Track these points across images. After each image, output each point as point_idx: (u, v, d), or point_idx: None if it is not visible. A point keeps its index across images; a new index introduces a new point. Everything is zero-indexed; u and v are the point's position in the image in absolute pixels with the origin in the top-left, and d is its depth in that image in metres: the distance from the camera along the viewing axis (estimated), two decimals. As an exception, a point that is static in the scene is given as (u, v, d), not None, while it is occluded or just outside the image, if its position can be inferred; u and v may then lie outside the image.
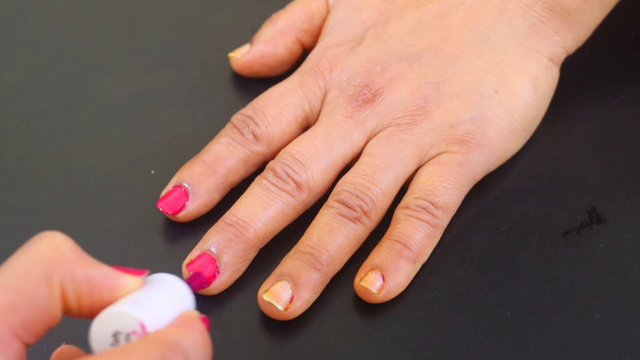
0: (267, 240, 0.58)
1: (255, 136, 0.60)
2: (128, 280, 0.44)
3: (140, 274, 0.45)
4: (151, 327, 0.43)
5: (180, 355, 0.42)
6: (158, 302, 0.44)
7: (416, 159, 0.59)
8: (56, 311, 0.43)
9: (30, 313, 0.42)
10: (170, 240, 0.59)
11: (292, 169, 0.58)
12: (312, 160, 0.58)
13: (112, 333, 0.43)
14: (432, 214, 0.57)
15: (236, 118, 0.61)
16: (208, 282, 0.56)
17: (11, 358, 0.42)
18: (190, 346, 0.43)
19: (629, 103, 0.65)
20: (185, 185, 0.59)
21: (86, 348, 0.46)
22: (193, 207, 0.59)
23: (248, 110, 0.61)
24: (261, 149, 0.60)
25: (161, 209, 0.59)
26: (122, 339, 0.43)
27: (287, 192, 0.58)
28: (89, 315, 0.44)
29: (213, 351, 0.44)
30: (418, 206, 0.58)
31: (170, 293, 0.45)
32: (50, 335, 0.44)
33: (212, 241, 0.56)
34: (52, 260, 0.42)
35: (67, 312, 0.43)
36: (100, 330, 0.43)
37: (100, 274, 0.43)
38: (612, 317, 0.55)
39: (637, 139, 0.63)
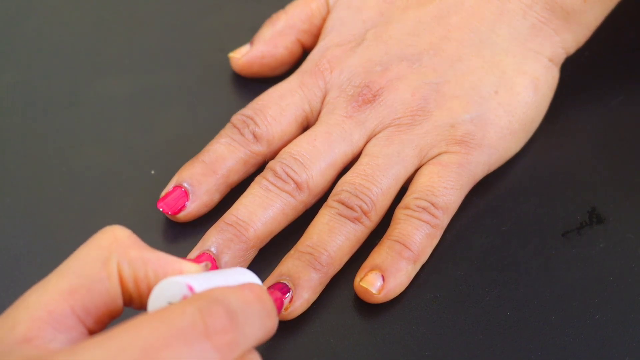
0: (267, 240, 0.58)
1: (255, 136, 0.60)
2: (186, 265, 0.44)
3: (200, 261, 0.45)
4: (199, 287, 0.42)
5: (221, 308, 0.41)
6: (215, 276, 0.43)
7: (416, 159, 0.59)
8: (116, 294, 0.43)
9: (90, 295, 0.43)
10: (170, 240, 0.59)
11: (292, 169, 0.58)
12: (312, 160, 0.58)
13: (166, 304, 0.43)
14: (432, 215, 0.57)
15: (236, 118, 0.61)
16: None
17: (74, 340, 0.42)
18: (236, 302, 0.42)
19: (629, 103, 0.65)
20: (185, 185, 0.59)
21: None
22: (193, 207, 0.59)
23: (248, 110, 0.61)
24: (261, 149, 0.60)
25: (161, 209, 0.59)
26: None
27: (287, 192, 0.58)
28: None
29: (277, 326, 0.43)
30: (418, 206, 0.58)
31: (230, 272, 0.44)
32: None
33: (212, 241, 0.56)
34: (108, 246, 0.44)
35: (129, 299, 0.44)
36: (155, 303, 0.43)
37: (157, 257, 0.44)
38: (612, 317, 0.55)
39: (637, 139, 0.63)
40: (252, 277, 0.44)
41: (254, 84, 0.66)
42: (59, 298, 0.42)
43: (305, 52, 0.66)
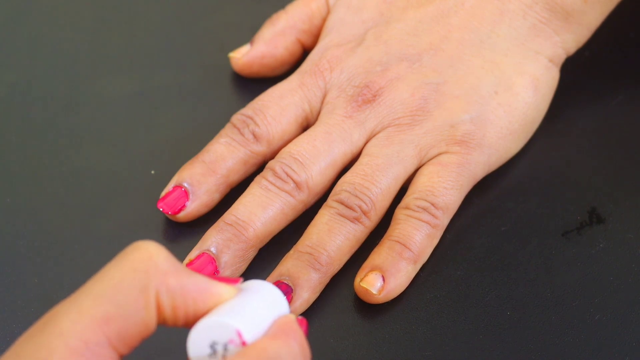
0: (267, 240, 0.58)
1: (255, 136, 0.60)
2: (223, 289, 0.43)
3: (234, 282, 0.44)
4: (248, 334, 0.42)
5: None
6: (254, 309, 0.43)
7: (416, 159, 0.59)
8: (151, 322, 0.42)
9: (125, 324, 0.41)
10: (170, 240, 0.59)
11: (292, 168, 0.58)
12: (311, 160, 0.58)
13: (210, 343, 0.42)
14: (433, 215, 0.57)
15: (236, 118, 0.61)
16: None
17: None
18: (288, 358, 0.42)
19: (629, 103, 0.65)
20: (185, 185, 0.59)
21: (182, 357, 0.46)
22: (193, 207, 0.59)
23: (248, 110, 0.61)
24: (261, 149, 0.60)
25: (161, 209, 0.59)
26: (219, 348, 0.42)
27: (286, 191, 0.58)
28: (184, 324, 0.43)
29: (311, 355, 0.44)
30: (418, 207, 0.58)
31: (264, 298, 0.44)
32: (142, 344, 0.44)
33: (212, 241, 0.56)
34: (146, 271, 0.42)
35: (162, 322, 0.43)
36: (197, 340, 0.43)
37: (195, 283, 0.43)
38: (612, 317, 0.55)
39: (637, 139, 0.63)
40: (282, 303, 0.45)
41: (254, 84, 0.66)
42: (95, 326, 0.41)
43: (305, 52, 0.66)
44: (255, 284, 0.45)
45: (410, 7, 0.63)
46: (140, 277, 0.42)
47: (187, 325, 0.43)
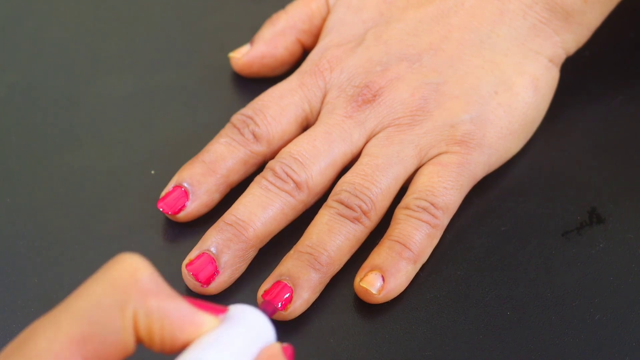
0: (267, 240, 0.58)
1: (255, 136, 0.60)
2: (205, 319, 0.42)
3: (219, 312, 0.42)
4: None
5: None
6: (238, 342, 0.42)
7: (416, 159, 0.59)
8: (129, 342, 0.41)
9: (103, 344, 0.40)
10: (170, 240, 0.59)
11: (292, 168, 0.58)
12: (311, 160, 0.58)
13: None
14: (432, 215, 0.57)
15: (236, 118, 0.61)
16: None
17: None
18: None
19: (629, 103, 0.65)
20: (185, 185, 0.59)
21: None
22: (193, 207, 0.59)
23: (248, 110, 0.61)
24: (261, 149, 0.60)
25: (161, 209, 0.59)
26: None
27: (286, 191, 0.58)
28: (159, 350, 0.42)
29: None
30: (418, 206, 0.58)
31: (249, 328, 0.43)
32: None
33: (212, 241, 0.56)
34: (126, 288, 0.41)
35: (138, 342, 0.41)
36: None
37: (176, 309, 0.41)
38: (612, 317, 0.55)
39: (637, 139, 0.63)
40: (268, 331, 0.43)
41: (254, 84, 0.66)
42: (71, 347, 0.40)
43: (305, 52, 0.66)
44: (239, 311, 0.43)
45: (410, 7, 0.63)
46: (118, 295, 0.40)
47: (163, 351, 0.42)
